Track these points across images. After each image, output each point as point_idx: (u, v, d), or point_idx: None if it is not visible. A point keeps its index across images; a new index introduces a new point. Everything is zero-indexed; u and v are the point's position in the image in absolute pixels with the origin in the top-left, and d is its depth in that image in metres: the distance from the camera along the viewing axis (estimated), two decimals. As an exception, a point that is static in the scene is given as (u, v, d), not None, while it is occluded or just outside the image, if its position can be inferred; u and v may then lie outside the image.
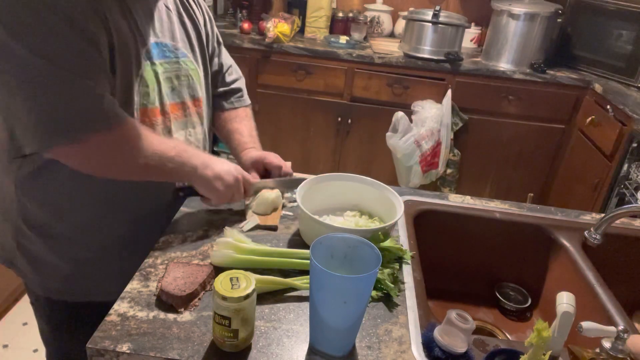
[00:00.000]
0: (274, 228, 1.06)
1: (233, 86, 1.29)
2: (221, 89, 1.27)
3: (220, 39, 1.27)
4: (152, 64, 0.98)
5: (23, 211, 1.00)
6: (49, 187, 0.97)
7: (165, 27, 1.02)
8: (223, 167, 0.99)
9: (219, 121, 1.27)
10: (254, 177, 1.12)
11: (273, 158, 1.16)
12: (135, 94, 0.95)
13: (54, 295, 1.08)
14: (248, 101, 1.32)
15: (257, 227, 1.05)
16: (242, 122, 1.27)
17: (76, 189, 0.97)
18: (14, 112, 0.83)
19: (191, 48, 1.09)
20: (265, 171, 1.16)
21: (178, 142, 0.99)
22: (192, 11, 1.11)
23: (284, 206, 1.14)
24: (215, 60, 1.25)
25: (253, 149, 1.21)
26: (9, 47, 0.79)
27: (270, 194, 1.09)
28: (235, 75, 1.31)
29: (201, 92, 1.12)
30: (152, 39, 0.98)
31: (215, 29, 1.24)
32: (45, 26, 0.80)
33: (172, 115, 1.04)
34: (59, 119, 0.82)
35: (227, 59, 1.30)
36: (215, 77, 1.25)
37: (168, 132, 1.03)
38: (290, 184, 1.14)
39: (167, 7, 1.04)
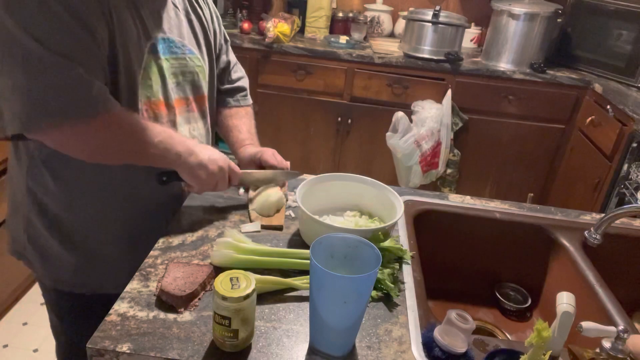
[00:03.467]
0: (279, 228, 1.06)
1: (238, 84, 1.31)
2: (227, 86, 1.29)
3: (227, 37, 1.29)
4: (157, 58, 0.99)
5: (33, 203, 1.02)
6: (57, 179, 0.99)
7: (172, 24, 1.04)
8: (208, 155, 0.99)
9: (219, 117, 1.28)
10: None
11: (269, 156, 1.16)
12: (139, 86, 0.97)
13: (61, 287, 1.09)
14: (250, 101, 1.34)
15: (263, 227, 1.06)
16: (242, 119, 1.28)
17: (83, 181, 0.99)
18: (2, 92, 0.83)
19: (198, 45, 1.11)
20: (262, 168, 1.17)
21: (167, 129, 0.99)
22: (199, 9, 1.13)
23: (289, 207, 1.14)
24: (223, 57, 1.27)
25: (251, 146, 1.22)
26: (5, 26, 0.80)
27: (273, 196, 1.09)
28: (240, 73, 1.34)
29: (205, 89, 1.14)
30: (159, 35, 1.00)
31: (222, 27, 1.26)
32: (44, 10, 0.81)
33: (177, 109, 1.06)
34: (44, 102, 0.83)
35: (232, 56, 1.32)
36: (222, 74, 1.27)
37: (173, 125, 1.05)
38: (278, 176, 1.15)
39: (174, 5, 1.05)
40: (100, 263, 1.06)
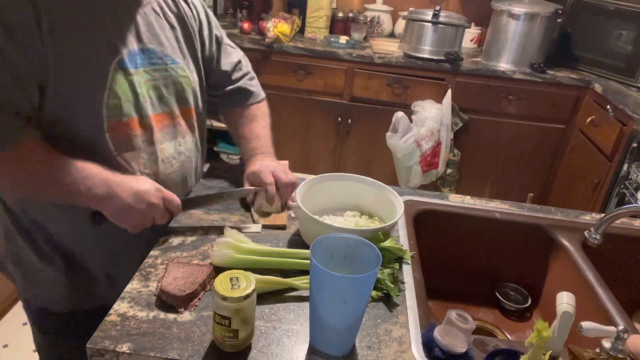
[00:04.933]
0: (282, 227, 1.06)
1: (240, 84, 1.23)
2: (228, 88, 1.22)
3: (221, 40, 1.20)
4: (127, 74, 0.93)
5: (9, 214, 0.99)
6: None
7: (152, 33, 0.98)
8: (134, 192, 0.89)
9: (230, 123, 1.23)
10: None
11: (265, 176, 1.05)
12: (104, 108, 0.90)
13: (43, 304, 1.06)
14: (260, 96, 1.26)
15: (266, 227, 1.05)
16: (250, 124, 1.20)
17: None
18: None
19: (182, 54, 1.05)
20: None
21: (90, 168, 0.88)
22: (185, 16, 1.07)
23: (288, 208, 1.13)
24: (216, 65, 1.19)
25: (261, 156, 1.14)
26: None
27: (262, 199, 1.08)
28: (243, 70, 1.25)
29: (192, 101, 1.07)
30: (135, 46, 0.94)
31: (215, 31, 1.17)
32: None
33: (158, 126, 0.99)
34: None
35: (233, 57, 1.23)
36: (221, 81, 1.21)
37: (150, 143, 0.98)
38: (223, 198, 1.08)
39: (155, 11, 0.99)
40: (81, 278, 1.02)
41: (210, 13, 1.18)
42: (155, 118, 0.99)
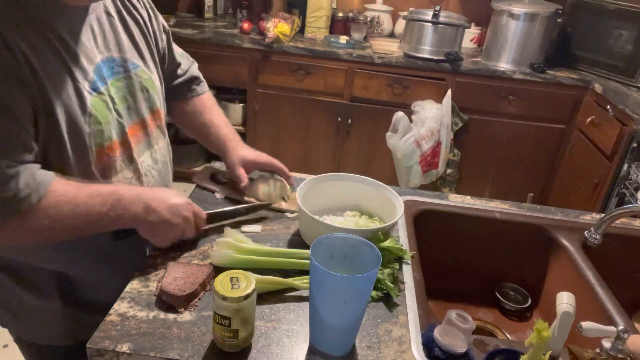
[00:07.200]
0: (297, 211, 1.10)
1: (190, 74, 1.19)
2: (177, 81, 1.17)
3: (167, 28, 1.11)
4: (100, 93, 0.85)
5: None
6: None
7: (109, 38, 0.90)
8: (169, 206, 0.88)
9: (184, 114, 1.18)
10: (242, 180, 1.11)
11: (276, 162, 1.14)
12: (87, 138, 0.83)
13: (44, 341, 1.02)
14: (206, 86, 1.23)
15: (290, 211, 1.11)
16: (212, 112, 1.18)
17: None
18: None
19: (140, 55, 0.98)
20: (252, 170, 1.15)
21: (115, 189, 0.85)
22: (134, 10, 0.98)
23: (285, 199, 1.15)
24: (169, 56, 1.12)
25: (236, 142, 1.15)
26: None
27: (272, 185, 1.13)
28: (186, 60, 1.20)
29: (159, 102, 1.02)
30: (98, 58, 0.87)
31: (160, 18, 1.08)
32: None
33: (134, 139, 0.93)
34: None
35: (176, 47, 1.18)
36: (174, 73, 1.16)
37: (131, 161, 0.93)
38: (246, 211, 1.08)
39: (108, 13, 0.91)
40: (82, 308, 0.98)
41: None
42: (131, 131, 0.93)
